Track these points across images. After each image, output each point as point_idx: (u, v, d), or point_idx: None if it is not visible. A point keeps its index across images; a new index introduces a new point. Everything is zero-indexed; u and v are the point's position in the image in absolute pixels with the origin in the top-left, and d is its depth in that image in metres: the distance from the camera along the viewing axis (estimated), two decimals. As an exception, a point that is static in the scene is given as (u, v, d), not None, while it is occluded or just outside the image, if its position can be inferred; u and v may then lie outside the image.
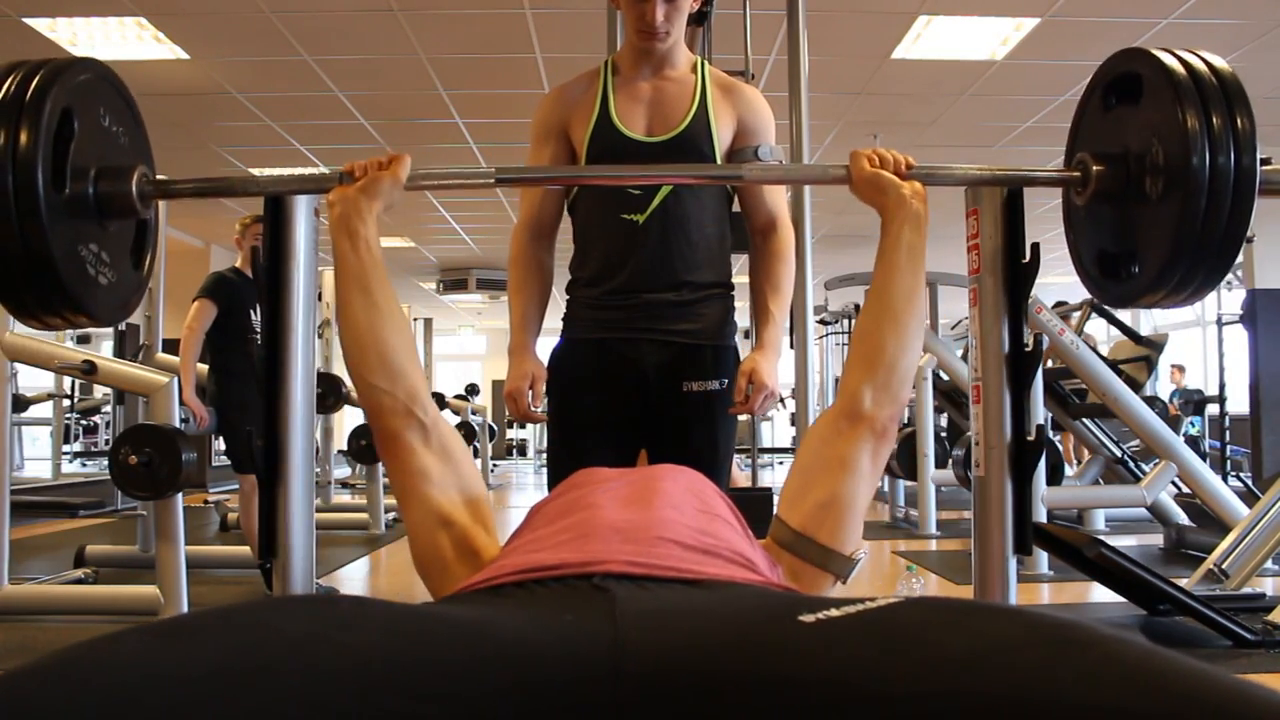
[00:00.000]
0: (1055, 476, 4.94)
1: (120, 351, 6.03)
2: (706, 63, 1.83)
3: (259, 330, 4.02)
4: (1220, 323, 6.05)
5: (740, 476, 7.30)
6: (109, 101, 1.18)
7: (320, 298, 4.32)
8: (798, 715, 0.52)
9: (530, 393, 1.77)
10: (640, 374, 1.75)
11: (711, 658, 0.56)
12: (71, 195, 1.08)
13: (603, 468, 1.16)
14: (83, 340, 7.68)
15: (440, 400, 8.39)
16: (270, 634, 0.55)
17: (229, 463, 4.33)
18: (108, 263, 1.17)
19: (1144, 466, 5.13)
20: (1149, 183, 1.14)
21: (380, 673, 0.53)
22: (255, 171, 7.32)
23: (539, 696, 0.55)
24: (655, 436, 1.78)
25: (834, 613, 0.59)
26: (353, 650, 0.55)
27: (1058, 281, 11.91)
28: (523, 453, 15.36)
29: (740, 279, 1.82)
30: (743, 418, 1.77)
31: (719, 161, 1.76)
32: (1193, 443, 6.63)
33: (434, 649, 0.57)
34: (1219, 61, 1.12)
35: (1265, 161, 1.12)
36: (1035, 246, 1.40)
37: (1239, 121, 1.08)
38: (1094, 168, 1.22)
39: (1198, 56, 1.13)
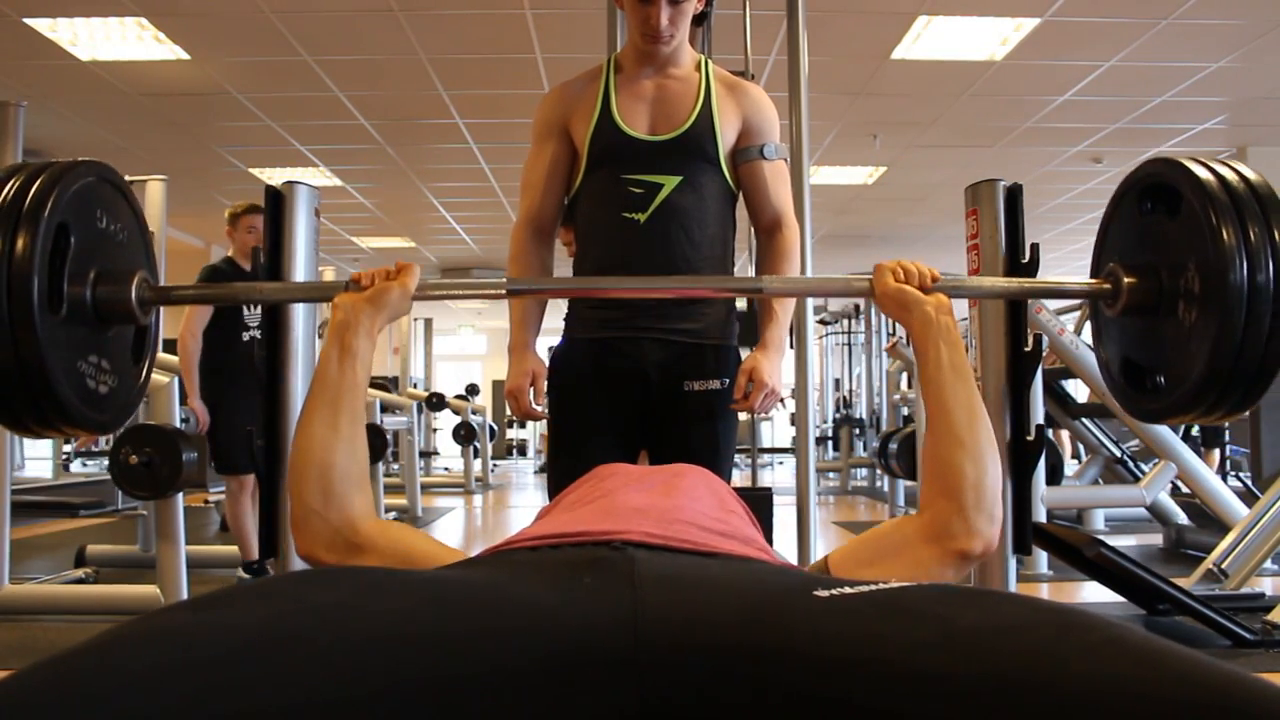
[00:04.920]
0: (1055, 476, 4.94)
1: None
2: (710, 61, 1.83)
3: (252, 326, 3.96)
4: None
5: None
6: (109, 202, 1.10)
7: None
8: (811, 685, 0.54)
9: (531, 390, 1.78)
10: (641, 373, 1.75)
11: (728, 627, 0.59)
12: (69, 312, 1.01)
13: (622, 464, 1.18)
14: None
15: (440, 400, 8.38)
16: (302, 604, 0.58)
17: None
18: (108, 369, 1.11)
19: (1143, 466, 5.13)
20: (1183, 299, 1.08)
21: (406, 639, 0.55)
22: (255, 171, 7.31)
23: (561, 658, 0.57)
24: (656, 436, 1.78)
25: (848, 590, 0.62)
26: (380, 617, 0.57)
27: (1058, 281, 11.95)
28: (523, 453, 15.36)
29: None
30: (743, 417, 1.77)
31: (722, 160, 1.77)
32: (1193, 443, 6.62)
33: (459, 615, 0.59)
34: (1253, 175, 1.07)
35: None
36: (1035, 247, 1.40)
37: (1278, 237, 1.02)
38: (1125, 280, 1.16)
39: (1233, 170, 1.08)
